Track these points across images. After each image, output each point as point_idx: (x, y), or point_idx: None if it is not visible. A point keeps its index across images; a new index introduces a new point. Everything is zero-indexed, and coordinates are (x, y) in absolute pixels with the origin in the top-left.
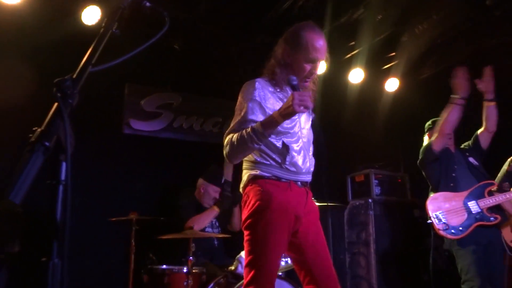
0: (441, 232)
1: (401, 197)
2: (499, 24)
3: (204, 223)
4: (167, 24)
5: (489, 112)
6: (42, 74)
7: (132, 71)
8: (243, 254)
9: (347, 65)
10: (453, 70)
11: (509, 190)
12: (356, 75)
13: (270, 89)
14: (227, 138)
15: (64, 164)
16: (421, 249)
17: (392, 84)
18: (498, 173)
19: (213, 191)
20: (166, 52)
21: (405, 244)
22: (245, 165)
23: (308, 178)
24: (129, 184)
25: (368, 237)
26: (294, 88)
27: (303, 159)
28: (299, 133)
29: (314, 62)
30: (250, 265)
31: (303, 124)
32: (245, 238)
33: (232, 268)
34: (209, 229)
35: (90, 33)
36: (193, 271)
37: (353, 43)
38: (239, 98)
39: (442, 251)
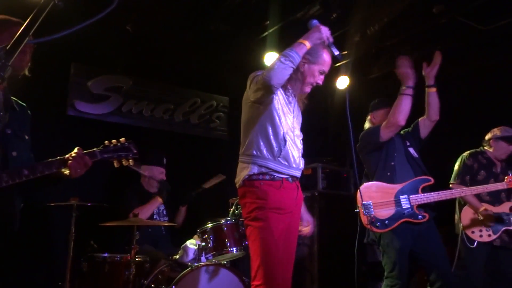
0: (367, 224)
1: (345, 191)
2: (444, 31)
3: (147, 213)
4: (116, 1)
5: (431, 99)
6: None
7: (79, 50)
8: (188, 243)
9: None
10: (397, 60)
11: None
12: None
13: (281, 90)
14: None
15: None
16: (362, 241)
17: (342, 82)
18: (433, 167)
19: (159, 173)
20: (117, 33)
21: (346, 236)
22: (241, 158)
23: (298, 173)
24: None
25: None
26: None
27: (294, 155)
28: (293, 131)
29: (322, 74)
30: (255, 256)
31: (296, 124)
32: (248, 235)
33: (177, 256)
34: (156, 217)
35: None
36: (136, 259)
37: None
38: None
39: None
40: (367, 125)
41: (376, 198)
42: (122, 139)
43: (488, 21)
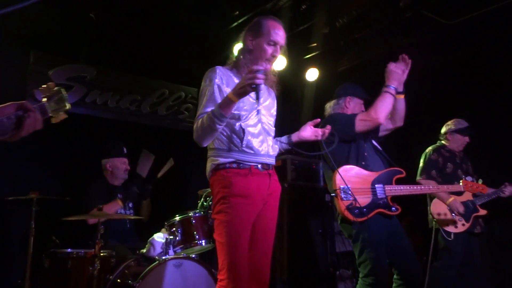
0: (345, 210)
1: (314, 183)
2: (410, 25)
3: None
4: None
5: (398, 105)
6: None
7: (39, 37)
8: (156, 236)
9: None
10: (399, 59)
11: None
12: (279, 62)
13: (231, 75)
14: (195, 124)
15: None
16: (330, 232)
17: (312, 74)
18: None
19: (121, 163)
20: (80, 20)
21: (316, 227)
22: (208, 153)
23: (269, 160)
24: (30, 160)
25: (282, 220)
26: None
27: (261, 143)
28: (260, 119)
29: (274, 45)
30: (220, 249)
31: (264, 110)
32: (215, 224)
33: (144, 250)
34: (121, 211)
35: None
36: (101, 254)
37: None
38: (202, 84)
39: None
40: (333, 105)
41: (355, 183)
42: (51, 84)
43: (453, 15)
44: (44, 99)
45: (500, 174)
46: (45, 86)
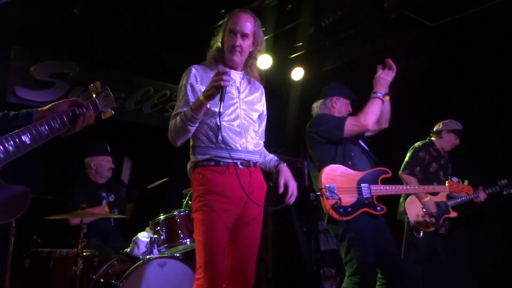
0: (330, 208)
1: (299, 181)
2: (394, 26)
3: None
4: None
5: (384, 107)
6: None
7: (21, 32)
8: (140, 235)
9: None
10: (386, 64)
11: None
12: (264, 61)
13: (208, 71)
14: (170, 124)
15: None
16: (315, 230)
17: (297, 73)
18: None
19: (106, 162)
20: (63, 15)
21: (300, 226)
22: (190, 151)
23: (248, 157)
24: None
25: (267, 219)
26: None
27: (239, 138)
28: (239, 114)
29: (235, 34)
30: (197, 248)
31: (245, 105)
32: (193, 223)
33: (128, 250)
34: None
35: None
36: (84, 253)
37: (262, 29)
38: (179, 84)
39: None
40: (320, 105)
41: (341, 182)
42: (98, 83)
43: (436, 17)
44: (93, 96)
45: (477, 177)
46: (92, 84)
